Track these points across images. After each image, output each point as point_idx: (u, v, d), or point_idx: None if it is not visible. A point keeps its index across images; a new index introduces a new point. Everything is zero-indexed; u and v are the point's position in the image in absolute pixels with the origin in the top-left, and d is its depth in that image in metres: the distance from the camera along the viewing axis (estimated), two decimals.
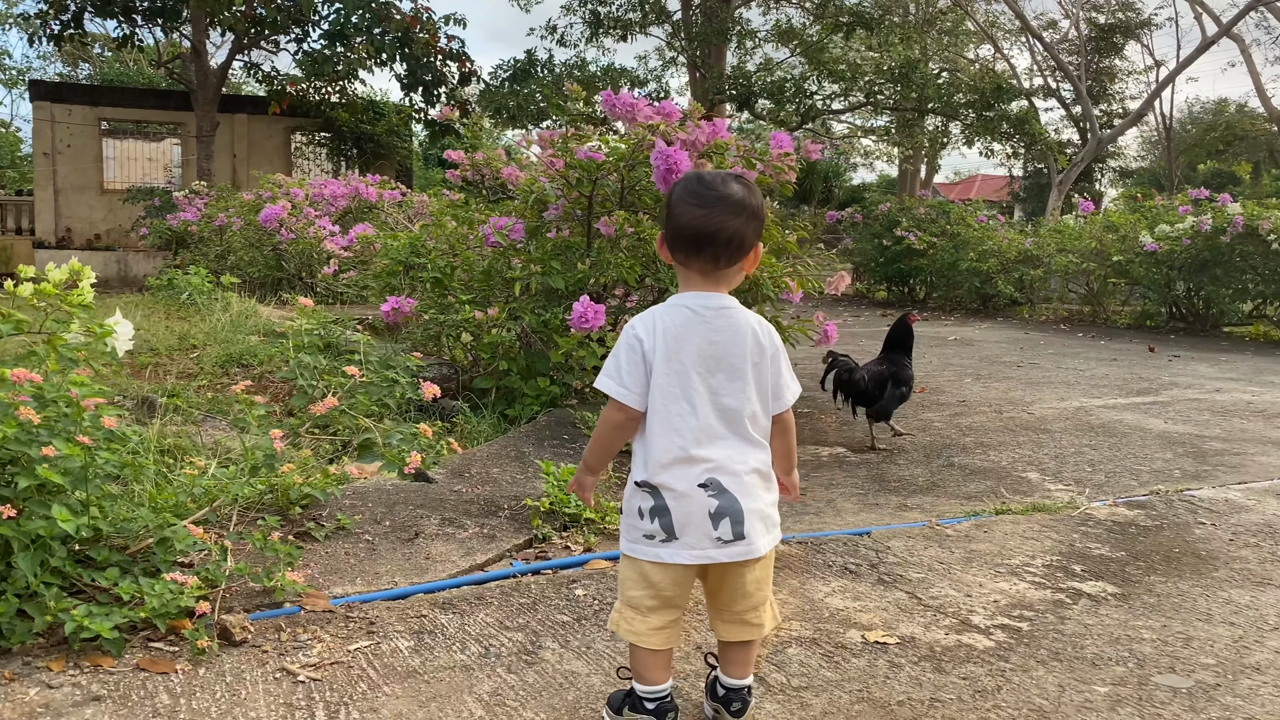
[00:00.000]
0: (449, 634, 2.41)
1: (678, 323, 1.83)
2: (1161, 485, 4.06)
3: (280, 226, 9.03)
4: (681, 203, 1.85)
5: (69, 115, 20.17)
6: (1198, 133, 33.63)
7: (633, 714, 1.90)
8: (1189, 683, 2.24)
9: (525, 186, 5.14)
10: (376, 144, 21.75)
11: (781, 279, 4.83)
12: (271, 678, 2.16)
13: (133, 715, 1.98)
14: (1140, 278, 11.66)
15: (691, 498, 1.80)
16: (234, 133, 21.48)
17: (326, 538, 2.99)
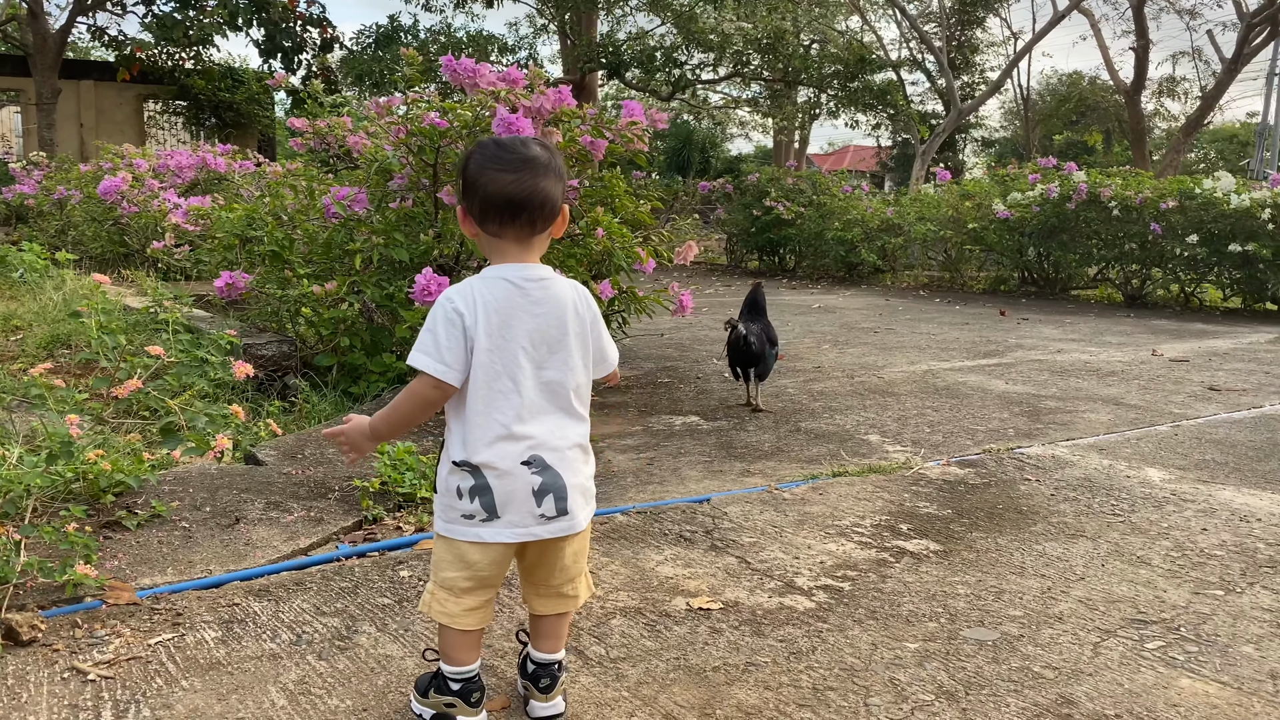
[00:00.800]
0: (260, 622, 2.32)
1: (499, 296, 1.76)
2: (994, 444, 4.22)
3: (122, 199, 8.55)
4: (485, 170, 1.77)
5: None
6: (1053, 104, 35.10)
7: (438, 696, 1.85)
8: (995, 635, 2.32)
9: (369, 155, 4.97)
10: (236, 113, 20.90)
11: (633, 249, 4.81)
12: (59, 678, 2.04)
13: None
14: (994, 244, 12.11)
15: (514, 475, 1.76)
16: (80, 100, 20.32)
17: (139, 526, 2.84)
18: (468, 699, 1.83)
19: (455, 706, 1.83)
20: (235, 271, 4.53)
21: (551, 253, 4.73)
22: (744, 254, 16.03)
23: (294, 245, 4.68)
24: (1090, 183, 11.00)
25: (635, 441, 4.22)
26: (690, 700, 1.98)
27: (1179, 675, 2.13)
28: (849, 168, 24.39)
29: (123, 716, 1.89)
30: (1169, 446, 4.24)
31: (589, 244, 4.81)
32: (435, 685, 1.87)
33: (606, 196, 5.09)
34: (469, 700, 1.83)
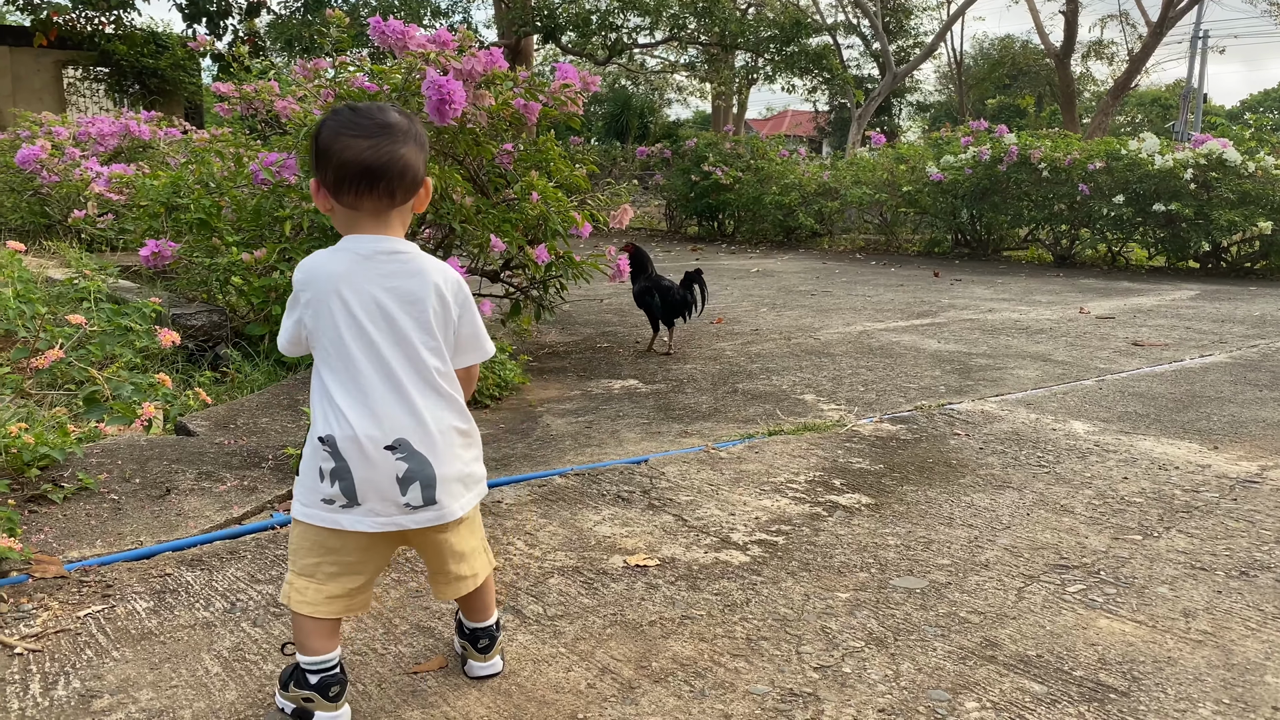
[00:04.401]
0: (194, 591, 2.29)
1: (341, 268, 1.67)
2: (926, 401, 4.30)
3: (41, 168, 8.27)
4: (340, 138, 1.65)
5: None
6: (986, 68, 35.52)
7: (297, 690, 1.72)
8: (923, 583, 2.38)
9: (298, 120, 4.87)
10: (161, 79, 20.27)
11: (569, 214, 4.79)
12: (11, 656, 2.00)
13: None
14: (928, 207, 12.28)
15: (376, 461, 1.64)
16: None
17: (65, 499, 2.78)
18: (325, 693, 1.72)
19: (313, 701, 1.71)
20: (161, 240, 4.42)
21: (486, 217, 4.70)
22: (683, 219, 16.04)
23: (221, 213, 4.58)
24: (1021, 145, 11.18)
25: (574, 406, 4.23)
26: (626, 654, 2.01)
27: (1098, 616, 2.21)
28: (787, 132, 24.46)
29: (52, 688, 1.87)
30: (1093, 400, 4.37)
31: (524, 209, 4.78)
32: (295, 678, 1.74)
33: (541, 161, 5.05)
34: (327, 694, 1.72)
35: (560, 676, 1.92)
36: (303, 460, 1.71)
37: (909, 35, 30.42)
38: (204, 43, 6.50)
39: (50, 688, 1.87)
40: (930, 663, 1.99)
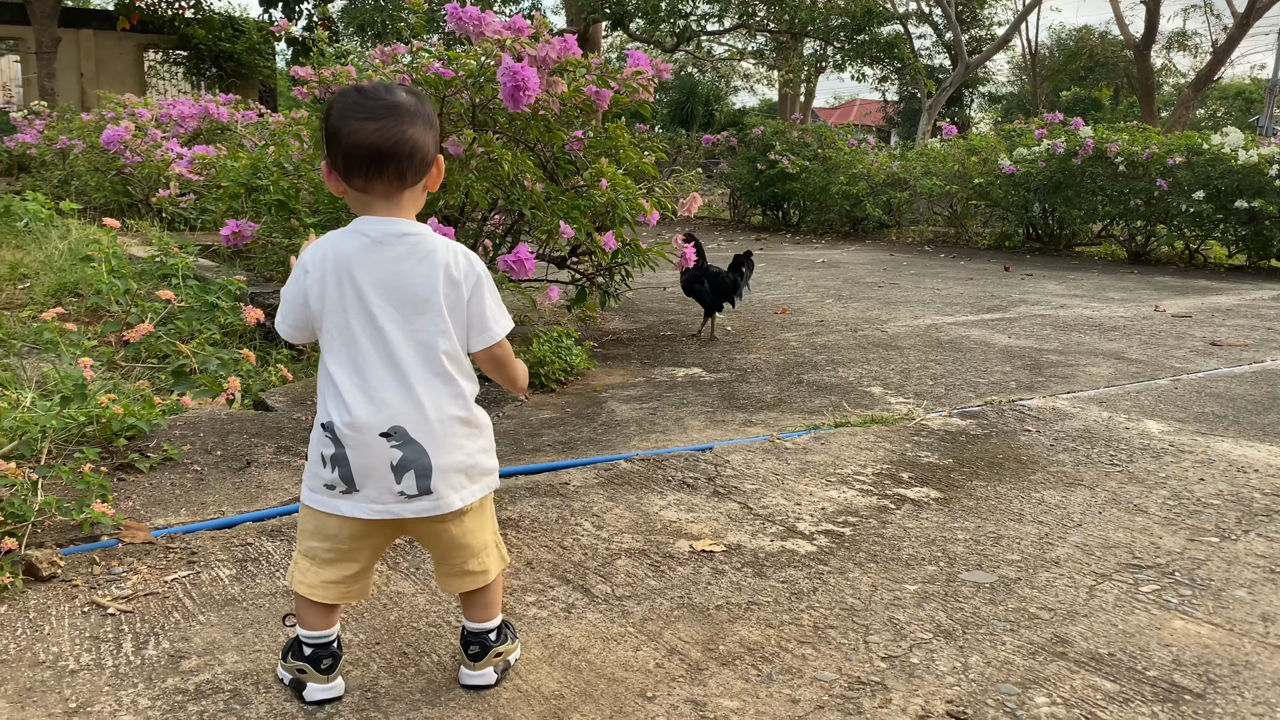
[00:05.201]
0: (273, 561, 2.37)
1: (350, 250, 1.65)
2: (996, 396, 4.25)
3: (124, 149, 8.52)
4: (348, 120, 1.63)
5: None
6: (1062, 59, 34.71)
7: (293, 660, 1.78)
8: (993, 578, 2.37)
9: None
10: (237, 63, 20.72)
11: (637, 201, 4.81)
12: (80, 611, 2.09)
13: None
14: (999, 199, 12.06)
15: (372, 448, 1.64)
16: (80, 50, 20.15)
17: (151, 469, 2.89)
18: (317, 665, 1.76)
19: (305, 673, 1.76)
20: (241, 221, 4.53)
21: (555, 204, 4.74)
22: (747, 209, 15.97)
23: (299, 194, 4.68)
24: (1096, 138, 10.93)
25: (638, 392, 4.26)
26: (694, 636, 2.04)
27: (1172, 617, 2.18)
28: (855, 121, 24.18)
29: (143, 647, 1.95)
30: (1169, 399, 4.28)
31: (593, 195, 4.81)
32: (293, 649, 1.80)
33: (611, 148, 5.08)
34: (319, 666, 1.76)
35: (629, 655, 1.95)
36: (310, 445, 1.74)
37: (982, 25, 29.85)
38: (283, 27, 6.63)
39: (141, 647, 1.95)
40: (999, 656, 1.98)
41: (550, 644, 1.99)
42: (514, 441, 3.48)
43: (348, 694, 1.79)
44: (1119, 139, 10.83)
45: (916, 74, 21.51)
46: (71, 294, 5.17)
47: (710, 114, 34.29)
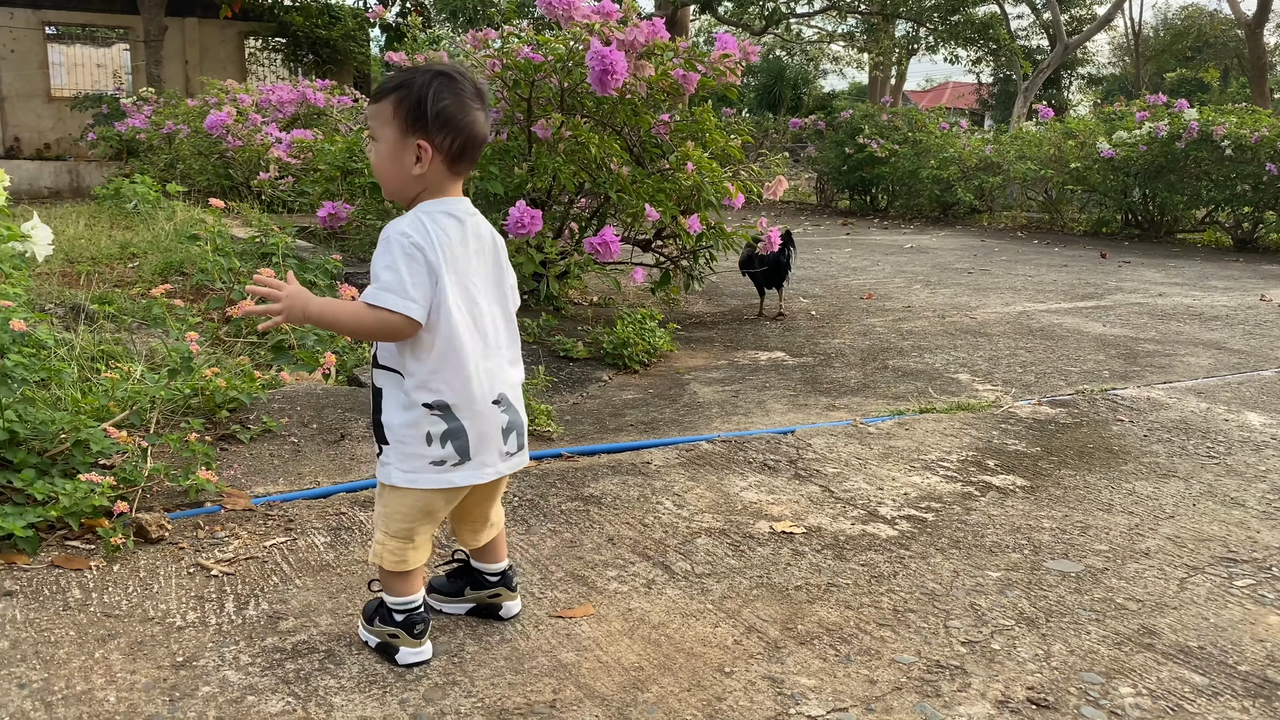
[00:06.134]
0: (365, 530, 2.46)
1: (451, 231, 1.72)
2: (1088, 385, 4.15)
3: (226, 133, 8.83)
4: (469, 109, 1.72)
5: (10, 19, 19.41)
6: (1167, 39, 33.39)
7: (383, 626, 1.83)
8: (1079, 568, 2.33)
9: None
10: (333, 49, 21.17)
11: (723, 185, 4.81)
12: (185, 572, 2.20)
13: (43, 608, 2.01)
14: (1097, 185, 11.71)
15: (487, 416, 1.76)
16: (185, 38, 20.82)
17: (251, 440, 3.01)
18: (411, 630, 1.81)
19: (397, 638, 1.81)
20: (337, 203, 4.67)
21: (641, 187, 4.77)
22: (834, 193, 15.79)
23: None
24: (1202, 121, 10.51)
25: (720, 375, 4.27)
26: (772, 615, 2.06)
27: (1267, 612, 2.12)
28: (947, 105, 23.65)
29: (244, 608, 2.04)
30: (1272, 392, 4.12)
31: (678, 179, 4.83)
32: (380, 614, 1.84)
33: (697, 131, 5.09)
34: (411, 631, 1.81)
35: (708, 631, 1.98)
36: (392, 428, 1.76)
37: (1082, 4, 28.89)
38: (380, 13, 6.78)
39: (242, 607, 2.05)
40: (1083, 645, 1.95)
41: (630, 618, 2.03)
42: (597, 421, 3.53)
43: (436, 657, 1.85)
44: (1226, 121, 10.39)
45: (1012, 55, 20.93)
46: (177, 272, 5.39)
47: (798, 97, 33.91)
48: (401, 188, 1.76)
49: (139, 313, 4.29)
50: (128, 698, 1.71)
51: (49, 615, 1.99)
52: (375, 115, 1.74)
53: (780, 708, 1.72)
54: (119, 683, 1.76)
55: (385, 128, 1.72)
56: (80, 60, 22.21)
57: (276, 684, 1.76)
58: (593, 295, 5.89)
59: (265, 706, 1.70)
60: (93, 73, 22.12)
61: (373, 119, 1.75)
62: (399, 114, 1.70)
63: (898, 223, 13.26)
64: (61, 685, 1.74)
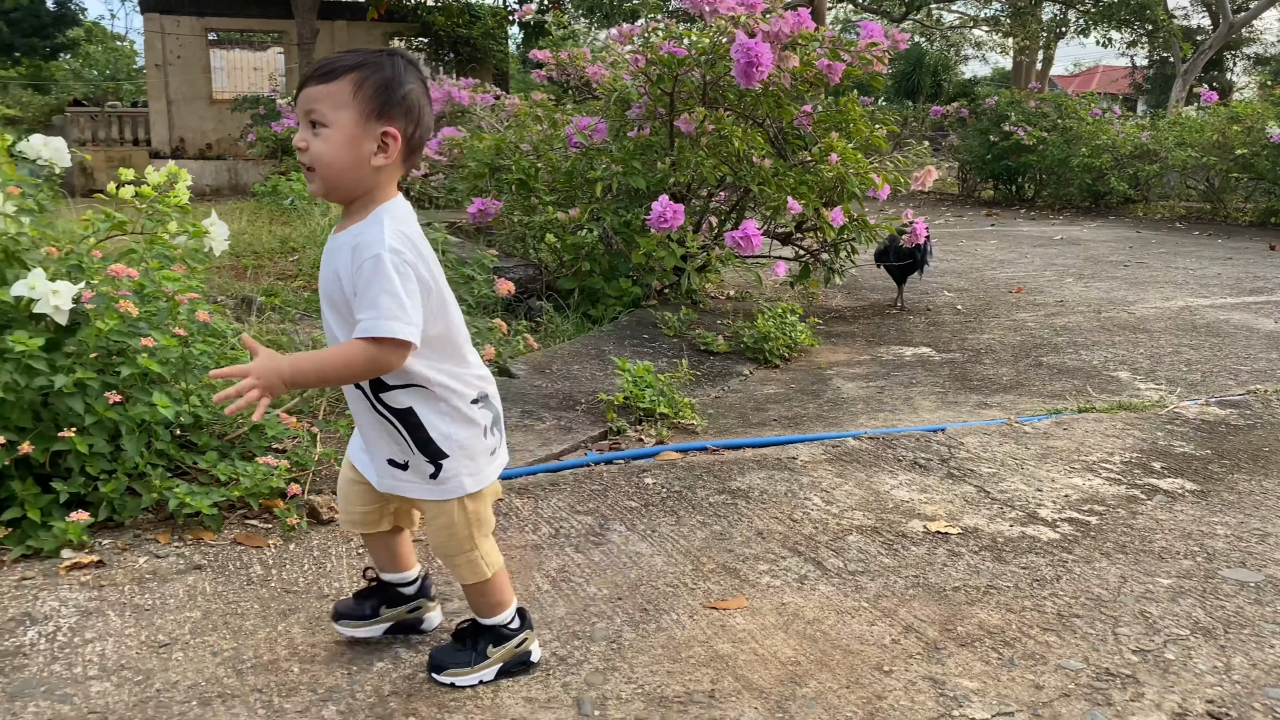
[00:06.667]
0: (523, 516, 2.53)
1: (419, 230, 1.61)
2: (1261, 385, 3.92)
3: None
4: (427, 100, 1.59)
5: (177, 26, 20.67)
6: None
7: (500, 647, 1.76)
8: (1258, 577, 2.21)
9: (608, 85, 5.11)
10: (473, 48, 21.73)
11: (868, 176, 4.74)
12: (355, 552, 2.31)
13: (229, 583, 2.15)
14: (1265, 172, 10.98)
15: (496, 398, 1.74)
16: (334, 40, 21.69)
17: None
18: (531, 624, 1.81)
19: (526, 640, 1.78)
20: (486, 199, 4.81)
21: (783, 179, 4.74)
22: (977, 182, 15.28)
23: (539, 174, 4.91)
24: None
25: (863, 370, 4.21)
26: (930, 615, 2.02)
27: None
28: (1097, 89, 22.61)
29: None
30: None
31: (820, 171, 4.78)
32: (492, 640, 1.76)
33: (841, 122, 5.02)
34: (532, 625, 1.82)
35: (864, 629, 1.96)
36: (445, 439, 1.63)
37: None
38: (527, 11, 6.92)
39: None
40: (1267, 660, 1.85)
41: (784, 612, 2.03)
42: (740, 415, 3.54)
43: (594, 643, 1.90)
44: None
45: (1171, 36, 19.84)
46: None
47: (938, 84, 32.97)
48: (355, 181, 1.55)
49: (301, 304, 4.51)
50: (310, 669, 1.81)
51: (235, 589, 2.12)
52: (325, 97, 1.52)
53: (943, 709, 1.69)
54: (301, 655, 1.86)
55: (340, 111, 1.51)
56: (239, 64, 23.41)
57: None
58: (728, 289, 5.88)
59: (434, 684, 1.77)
60: (250, 76, 23.30)
61: (319, 101, 1.52)
62: (361, 96, 1.51)
63: (1046, 213, 12.75)
64: (250, 655, 1.86)
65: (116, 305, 2.40)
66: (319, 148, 1.52)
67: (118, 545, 2.31)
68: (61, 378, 2.30)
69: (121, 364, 2.42)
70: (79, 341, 2.40)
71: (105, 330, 2.38)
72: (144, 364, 2.41)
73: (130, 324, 2.44)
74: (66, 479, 2.36)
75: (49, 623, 1.96)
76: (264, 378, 1.49)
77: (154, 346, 2.44)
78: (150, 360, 2.42)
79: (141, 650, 1.87)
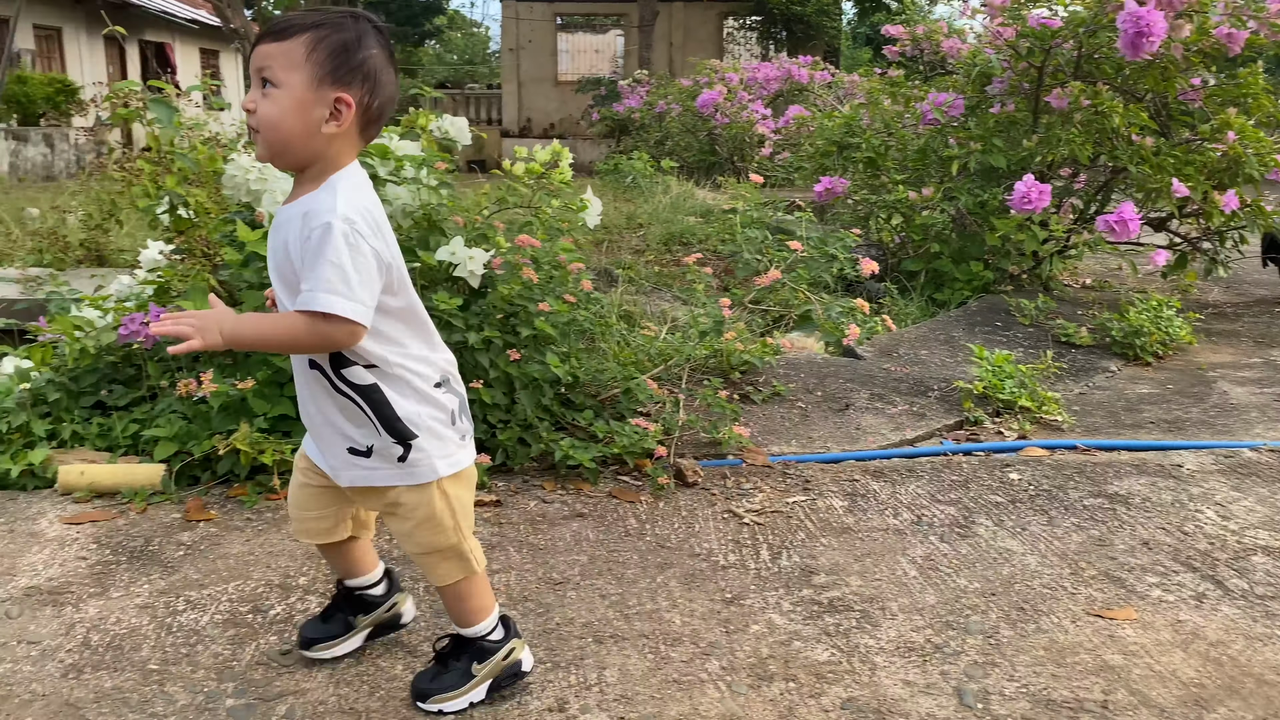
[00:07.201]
0: (880, 500, 2.51)
1: (377, 202, 1.50)
2: None
3: (715, 111, 9.38)
4: (387, 67, 1.47)
5: (530, 12, 22.20)
6: None
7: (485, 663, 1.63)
8: None
9: (967, 60, 4.91)
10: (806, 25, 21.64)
11: (1270, 156, 4.23)
12: (719, 517, 2.40)
13: (609, 532, 2.31)
14: None
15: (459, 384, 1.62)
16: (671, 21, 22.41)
17: (763, 401, 3.20)
18: (519, 634, 1.69)
19: (514, 649, 1.65)
20: (833, 177, 4.79)
21: (1164, 159, 4.34)
22: None
23: (889, 152, 4.81)
24: None
25: (1254, 374, 3.78)
26: None
27: None
28: None
29: (778, 558, 2.19)
30: None
31: (1208, 151, 4.33)
32: (476, 655, 1.63)
33: (1238, 96, 4.51)
34: (518, 632, 1.69)
35: (1278, 659, 1.78)
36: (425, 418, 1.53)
37: None
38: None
39: (776, 557, 2.19)
40: None
41: (1182, 630, 1.88)
42: (1110, 414, 3.30)
43: (970, 635, 1.85)
44: None
45: None
46: (678, 242, 5.85)
47: None
48: (302, 149, 1.44)
49: (653, 279, 4.73)
50: (689, 623, 1.91)
51: (614, 539, 2.28)
52: (275, 55, 1.41)
53: None
54: (680, 608, 1.96)
55: (291, 72, 1.40)
56: (581, 47, 24.77)
57: (819, 634, 1.87)
58: (1083, 277, 5.48)
59: (811, 653, 1.80)
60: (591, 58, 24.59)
61: (270, 60, 1.41)
62: (314, 58, 1.41)
63: None
64: (634, 602, 1.99)
65: (520, 272, 2.63)
66: (266, 109, 1.41)
67: (510, 488, 2.55)
68: (474, 335, 2.56)
69: (519, 325, 2.66)
70: (487, 304, 2.66)
71: (509, 294, 2.62)
72: (539, 326, 2.63)
73: (530, 290, 2.67)
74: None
75: None
76: (204, 323, 1.39)
77: (549, 311, 2.65)
78: (545, 323, 2.64)
79: (540, 585, 2.05)
